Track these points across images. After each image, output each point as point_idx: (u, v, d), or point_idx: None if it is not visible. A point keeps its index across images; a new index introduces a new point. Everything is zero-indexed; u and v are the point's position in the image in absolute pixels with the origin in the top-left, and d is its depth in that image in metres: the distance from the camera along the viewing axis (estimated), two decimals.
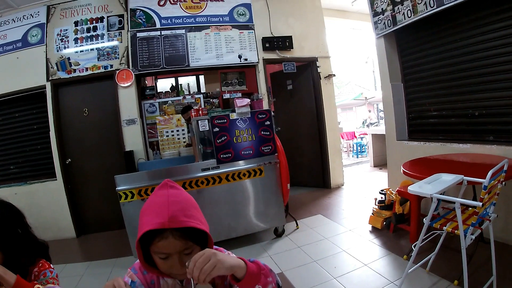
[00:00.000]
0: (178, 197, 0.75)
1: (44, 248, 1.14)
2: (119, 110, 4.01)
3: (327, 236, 3.05)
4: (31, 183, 4.15)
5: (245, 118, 2.95)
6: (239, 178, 2.93)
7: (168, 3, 4.23)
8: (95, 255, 3.34)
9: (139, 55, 4.04)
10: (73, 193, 4.13)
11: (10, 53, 4.22)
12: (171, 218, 0.68)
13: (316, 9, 4.96)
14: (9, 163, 4.33)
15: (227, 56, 4.21)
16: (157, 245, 0.71)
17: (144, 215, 0.75)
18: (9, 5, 4.26)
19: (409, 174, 2.37)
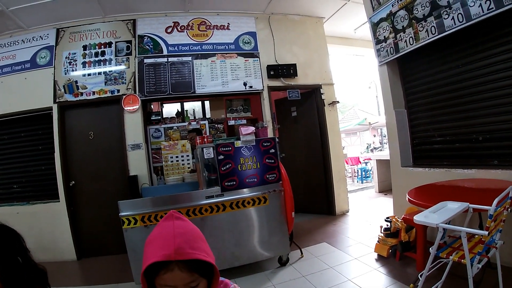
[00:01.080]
0: (184, 228, 0.78)
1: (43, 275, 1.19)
2: (125, 134, 4.34)
3: (332, 265, 3.16)
4: (34, 203, 4.45)
5: (250, 146, 3.15)
6: (243, 206, 3.09)
7: (176, 31, 4.66)
8: (95, 279, 3.53)
9: (146, 81, 4.43)
10: (75, 215, 4.41)
11: (18, 73, 4.61)
12: (177, 250, 0.71)
13: (319, 37, 5.42)
14: (12, 182, 4.64)
15: (233, 83, 4.61)
16: (162, 278, 0.74)
17: (149, 246, 0.78)
18: (19, 26, 4.68)
19: (414, 202, 2.50)
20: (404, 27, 3.53)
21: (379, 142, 10.60)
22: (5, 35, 4.83)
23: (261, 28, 5.00)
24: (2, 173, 4.69)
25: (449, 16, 3.00)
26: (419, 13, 3.32)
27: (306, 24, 5.36)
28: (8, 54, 4.73)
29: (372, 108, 14.40)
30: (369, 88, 13.20)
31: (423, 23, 3.29)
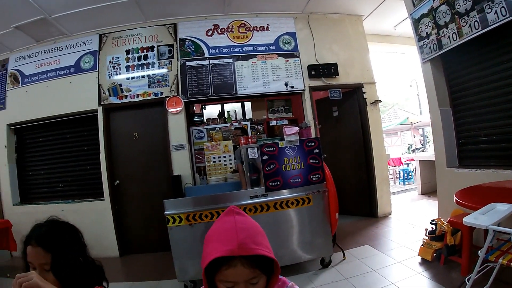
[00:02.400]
0: (246, 223, 0.82)
1: (101, 273, 1.33)
2: (169, 135, 4.80)
3: (375, 268, 3.28)
4: (78, 201, 5.03)
5: (294, 146, 3.33)
6: (287, 207, 3.27)
7: (216, 33, 5.12)
8: (138, 276, 3.88)
9: (189, 83, 4.88)
10: (119, 213, 4.90)
11: (63, 78, 5.21)
12: (240, 245, 0.75)
13: (359, 35, 5.75)
14: (57, 181, 5.27)
15: (274, 84, 4.99)
16: (224, 273, 0.78)
17: (210, 241, 0.82)
18: (62, 32, 5.28)
19: (462, 204, 2.55)
20: (446, 22, 3.64)
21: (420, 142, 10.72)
22: (49, 41, 5.47)
23: (301, 28, 5.39)
24: (48, 173, 5.33)
25: (492, 10, 3.08)
26: (461, 7, 3.42)
27: (345, 23, 5.70)
28: (53, 59, 5.35)
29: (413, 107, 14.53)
30: (410, 87, 13.37)
31: (465, 18, 3.38)
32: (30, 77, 5.43)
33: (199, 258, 2.58)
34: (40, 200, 5.42)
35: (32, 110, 5.31)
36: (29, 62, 5.49)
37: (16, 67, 5.58)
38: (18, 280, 0.99)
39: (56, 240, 1.18)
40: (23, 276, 1.00)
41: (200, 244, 3.08)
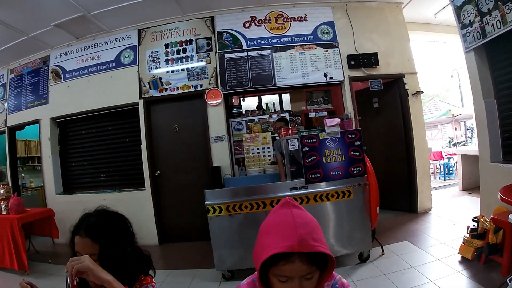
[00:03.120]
0: (304, 218, 0.85)
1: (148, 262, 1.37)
2: (208, 127, 5.08)
3: (414, 264, 3.31)
4: (120, 191, 5.45)
5: (335, 138, 3.39)
6: (327, 199, 3.34)
7: (253, 25, 5.33)
8: (176, 264, 4.13)
9: (227, 75, 5.13)
10: (159, 203, 5.26)
11: (104, 72, 5.60)
12: (300, 241, 0.78)
13: (399, 23, 5.79)
14: (100, 172, 5.72)
15: (313, 75, 5.14)
16: (281, 268, 0.81)
17: (268, 235, 0.85)
18: (102, 28, 5.65)
19: (507, 201, 2.54)
20: (490, 9, 3.60)
21: (461, 135, 10.55)
22: (89, 37, 5.87)
23: (339, 17, 5.50)
24: (91, 163, 5.80)
25: None
26: None
27: (385, 11, 5.75)
28: (93, 55, 5.74)
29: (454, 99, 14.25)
30: (452, 77, 13.15)
31: (509, 4, 3.34)
32: (71, 73, 5.85)
33: (238, 248, 3.13)
34: (82, 189, 5.90)
35: (74, 104, 5.75)
36: (70, 58, 5.92)
37: (57, 63, 6.02)
38: (72, 263, 1.07)
39: (104, 231, 1.22)
40: (76, 259, 1.09)
41: (238, 235, 3.36)
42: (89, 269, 1.05)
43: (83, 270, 1.06)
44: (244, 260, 3.34)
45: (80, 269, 1.05)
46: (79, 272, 1.06)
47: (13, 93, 6.53)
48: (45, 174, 6.07)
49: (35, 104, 6.18)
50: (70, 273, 1.06)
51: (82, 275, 1.08)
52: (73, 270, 1.05)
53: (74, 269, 1.05)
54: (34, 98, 6.20)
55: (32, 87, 6.25)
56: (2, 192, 4.82)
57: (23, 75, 6.43)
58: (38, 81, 6.18)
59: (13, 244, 4.24)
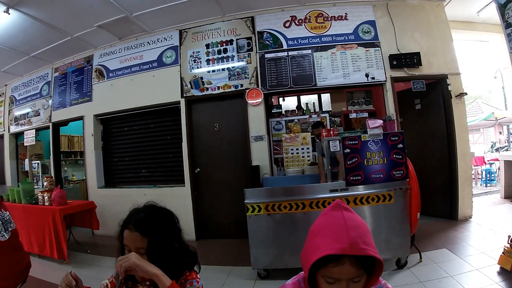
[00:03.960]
0: (355, 221, 0.86)
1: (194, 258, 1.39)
2: (248, 126, 5.13)
3: (451, 273, 3.22)
4: (160, 186, 5.62)
5: (377, 140, 3.31)
6: (367, 203, 3.28)
7: (294, 25, 5.31)
8: (212, 260, 4.16)
9: (268, 75, 5.14)
10: (198, 199, 5.38)
11: (146, 72, 5.75)
12: (351, 244, 0.79)
13: (441, 22, 5.60)
14: (141, 167, 5.91)
15: (354, 75, 5.07)
16: (330, 270, 0.82)
17: (319, 236, 0.86)
18: (144, 29, 5.78)
19: None
20: None
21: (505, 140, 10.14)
22: (131, 38, 6.03)
23: (380, 16, 5.39)
24: (133, 159, 6.00)
25: None
26: None
27: (426, 9, 5.59)
28: (136, 55, 5.89)
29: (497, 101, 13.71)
30: (495, 78, 12.65)
31: None
32: (114, 72, 6.03)
33: (275, 248, 3.18)
34: (123, 184, 6.12)
35: (117, 102, 5.94)
36: (113, 58, 6.11)
37: (101, 63, 6.22)
38: (120, 262, 1.10)
39: (153, 226, 1.24)
40: (123, 258, 1.12)
41: (276, 234, 3.37)
42: (136, 265, 1.08)
43: (130, 267, 1.09)
44: (280, 260, 3.36)
45: (127, 266, 1.08)
46: (127, 269, 1.09)
47: (58, 91, 6.80)
48: (88, 168, 6.31)
49: (79, 101, 6.42)
50: (120, 271, 1.10)
51: (130, 272, 1.11)
52: (121, 268, 1.09)
53: (122, 267, 1.08)
54: (78, 96, 6.43)
55: (76, 85, 6.49)
56: (45, 184, 5.08)
57: (67, 74, 6.67)
58: (82, 80, 6.40)
59: (54, 234, 4.43)
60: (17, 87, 7.85)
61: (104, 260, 4.64)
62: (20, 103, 7.69)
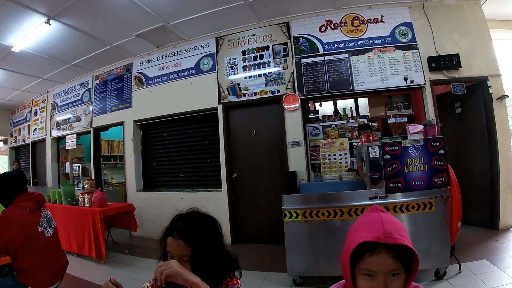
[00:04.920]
0: (391, 218, 0.89)
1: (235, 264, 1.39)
2: (285, 132, 5.15)
3: (491, 285, 3.09)
4: (198, 190, 5.73)
5: (418, 146, 3.19)
6: (407, 211, 3.17)
7: (329, 29, 5.29)
8: (247, 265, 3.99)
9: (304, 80, 5.15)
10: (235, 204, 5.46)
11: (184, 79, 5.90)
12: (386, 233, 0.81)
13: (479, 21, 5.39)
14: (179, 172, 6.07)
15: (392, 79, 4.98)
16: (366, 261, 0.84)
17: (355, 232, 0.89)
18: (181, 37, 5.91)
19: None
20: None
21: None
22: (169, 46, 6.18)
23: (417, 18, 5.26)
24: (171, 164, 6.17)
25: None
26: None
27: (463, 8, 5.42)
28: (174, 62, 6.04)
29: None
30: None
31: None
32: (153, 79, 6.20)
33: (311, 255, 3.17)
34: (161, 187, 6.29)
35: (157, 108, 6.12)
36: (151, 66, 6.29)
37: (140, 71, 6.41)
38: (160, 268, 1.09)
39: (197, 234, 1.23)
40: (164, 264, 1.11)
41: (313, 241, 3.35)
42: (177, 273, 1.08)
43: (171, 274, 1.08)
44: (316, 268, 3.33)
45: (168, 274, 1.08)
46: (167, 276, 1.08)
47: (98, 97, 7.05)
48: (127, 172, 6.52)
49: (119, 107, 6.63)
50: (159, 277, 1.08)
51: (170, 279, 1.09)
52: (161, 275, 1.08)
53: (163, 274, 1.07)
54: (118, 102, 6.65)
55: (116, 92, 6.70)
56: (86, 186, 5.29)
57: (107, 81, 6.91)
58: (122, 87, 6.62)
59: (94, 234, 4.59)
60: (58, 94, 8.19)
61: (140, 261, 4.77)
62: (62, 109, 8.02)
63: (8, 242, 2.16)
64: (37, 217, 2.43)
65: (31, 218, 2.36)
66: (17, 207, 2.31)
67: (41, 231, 2.39)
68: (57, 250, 2.59)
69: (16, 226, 2.21)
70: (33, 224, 2.36)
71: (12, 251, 2.23)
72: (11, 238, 2.17)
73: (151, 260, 4.67)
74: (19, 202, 2.35)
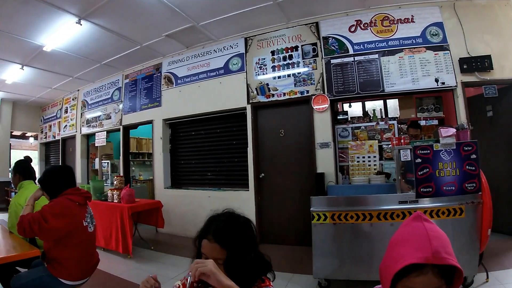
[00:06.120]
0: (436, 232, 0.86)
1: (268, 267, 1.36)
2: (314, 133, 5.14)
3: None
4: (225, 190, 5.81)
5: (450, 150, 3.12)
6: (436, 216, 3.09)
7: (359, 29, 5.26)
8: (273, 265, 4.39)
9: (334, 81, 5.14)
10: (261, 204, 5.50)
11: (213, 79, 5.98)
12: (434, 253, 0.78)
13: (511, 21, 5.34)
14: (207, 171, 6.18)
15: (423, 80, 4.91)
16: (412, 280, 0.82)
17: (400, 246, 0.87)
18: (210, 38, 5.99)
19: None
20: None
21: None
22: (198, 46, 6.27)
23: (447, 17, 5.16)
24: (199, 162, 6.29)
25: None
26: None
27: (494, 8, 5.28)
28: (203, 62, 6.13)
29: None
30: None
31: None
32: (183, 79, 6.31)
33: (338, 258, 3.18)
34: (189, 185, 6.41)
35: (185, 107, 6.25)
36: (181, 66, 6.40)
37: (169, 70, 6.52)
38: (196, 265, 1.10)
39: (233, 237, 1.23)
40: (200, 262, 1.12)
41: (340, 244, 3.34)
42: (212, 273, 1.08)
43: (206, 273, 1.08)
44: (342, 271, 3.29)
45: (203, 271, 1.08)
46: (201, 274, 1.09)
47: (128, 96, 7.22)
48: (156, 169, 6.67)
49: (148, 106, 6.78)
50: (193, 274, 1.09)
51: (203, 277, 1.10)
52: (196, 271, 1.09)
53: (198, 271, 1.08)
54: (148, 101, 6.80)
55: (146, 91, 6.85)
56: (115, 182, 5.44)
57: (137, 80, 7.06)
58: (152, 86, 6.75)
59: (121, 229, 4.69)
60: (89, 92, 8.42)
61: (166, 257, 4.86)
62: (92, 107, 8.24)
63: (54, 230, 2.20)
64: (83, 212, 2.52)
65: (79, 211, 2.43)
66: (67, 200, 2.37)
67: (85, 226, 2.48)
68: (92, 247, 2.68)
69: (65, 217, 2.27)
70: (79, 218, 2.43)
71: (54, 240, 2.30)
72: (58, 227, 2.23)
73: (177, 256, 4.80)
74: (69, 195, 2.41)
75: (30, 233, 2.15)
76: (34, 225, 2.11)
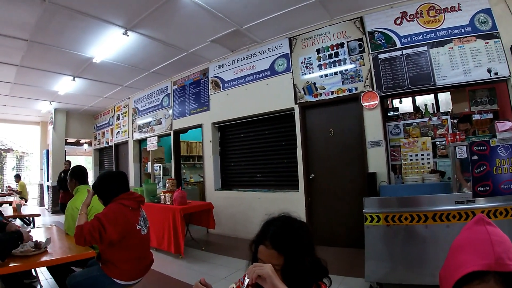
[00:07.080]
0: (500, 236, 0.82)
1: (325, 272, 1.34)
2: (364, 131, 5.01)
3: None
4: (274, 191, 5.94)
5: (507, 145, 2.92)
6: (494, 217, 2.92)
7: (405, 21, 5.19)
8: None
9: (383, 77, 5.11)
10: (312, 205, 5.54)
11: (260, 81, 6.16)
12: (497, 259, 0.74)
13: None
14: (256, 172, 6.36)
15: (475, 71, 4.70)
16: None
17: (461, 252, 0.83)
18: (254, 40, 6.16)
19: None
20: None
21: None
22: (243, 49, 6.48)
23: (495, 3, 4.84)
24: (248, 164, 6.49)
25: None
26: None
27: None
28: (248, 65, 6.33)
29: None
30: None
31: None
32: (229, 82, 6.56)
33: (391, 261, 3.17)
34: (239, 187, 6.64)
35: (233, 110, 6.49)
36: (227, 70, 6.65)
37: (216, 75, 6.80)
38: (254, 268, 1.12)
39: (290, 244, 1.23)
40: (259, 265, 1.14)
41: (394, 247, 3.36)
42: (268, 276, 1.09)
43: (263, 275, 1.10)
44: (396, 275, 3.20)
45: (260, 274, 1.10)
46: (258, 276, 1.11)
47: (177, 102, 7.59)
48: (206, 172, 6.99)
49: (197, 110, 7.12)
50: (250, 276, 1.11)
51: (259, 280, 1.11)
52: (254, 274, 1.10)
53: (255, 273, 1.10)
54: (197, 106, 7.12)
55: (194, 96, 7.18)
56: (168, 185, 5.75)
57: (185, 86, 7.41)
58: (199, 91, 7.07)
59: (174, 230, 4.89)
60: (139, 99, 8.92)
61: (217, 257, 5.01)
62: (143, 113, 8.73)
63: (109, 236, 2.25)
64: (137, 216, 2.56)
65: (132, 216, 2.48)
66: (121, 205, 2.43)
67: (138, 229, 2.58)
68: (146, 249, 2.80)
69: (119, 223, 2.32)
70: (133, 222, 2.47)
71: (108, 243, 2.33)
72: (113, 233, 2.26)
73: (227, 257, 4.95)
74: (122, 200, 2.47)
75: (91, 242, 2.20)
76: (95, 233, 2.18)
